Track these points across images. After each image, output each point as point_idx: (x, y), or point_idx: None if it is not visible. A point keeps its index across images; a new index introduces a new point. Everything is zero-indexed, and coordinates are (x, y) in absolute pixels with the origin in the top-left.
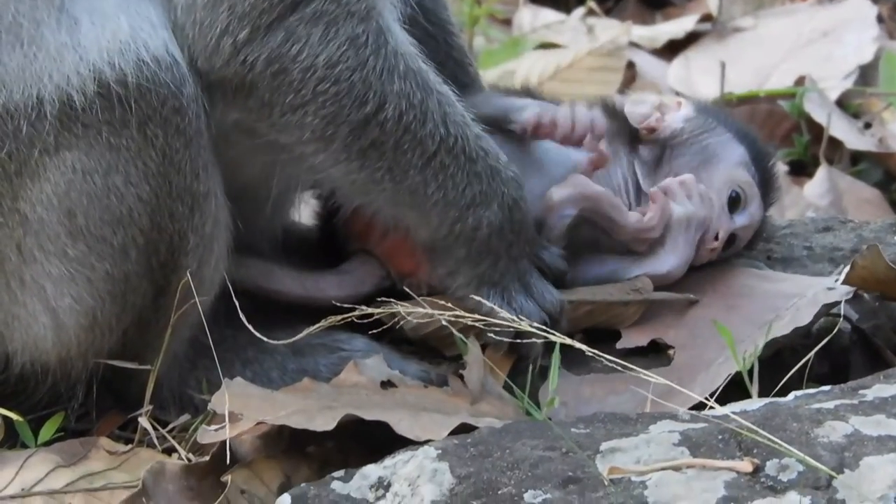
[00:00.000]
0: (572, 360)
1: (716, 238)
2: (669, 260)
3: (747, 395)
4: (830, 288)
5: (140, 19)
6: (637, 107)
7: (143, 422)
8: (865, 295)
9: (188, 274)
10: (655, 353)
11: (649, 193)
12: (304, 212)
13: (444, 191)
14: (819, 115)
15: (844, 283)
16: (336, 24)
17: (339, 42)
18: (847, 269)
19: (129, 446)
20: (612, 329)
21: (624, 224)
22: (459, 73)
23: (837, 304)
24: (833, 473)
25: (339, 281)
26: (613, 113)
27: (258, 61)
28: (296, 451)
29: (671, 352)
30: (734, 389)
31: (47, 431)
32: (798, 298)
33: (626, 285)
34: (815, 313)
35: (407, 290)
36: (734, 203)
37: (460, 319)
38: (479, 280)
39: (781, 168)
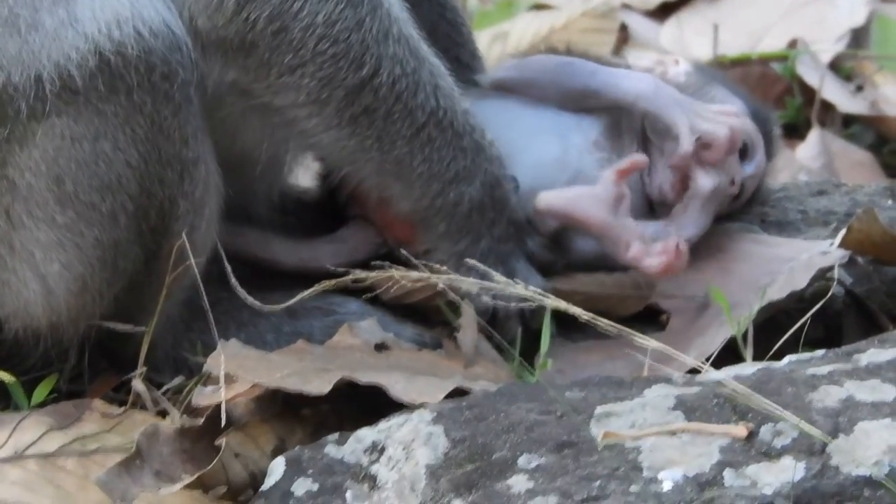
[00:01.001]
0: (567, 327)
1: (732, 183)
2: (689, 229)
3: (742, 360)
4: (825, 251)
5: None
6: (638, 62)
7: (137, 384)
8: (860, 259)
9: (183, 236)
10: (650, 318)
11: (667, 244)
12: (305, 174)
13: (430, 163)
14: (811, 78)
15: (840, 246)
16: None
17: None
18: (843, 232)
19: (123, 409)
20: None
21: (621, 258)
22: (453, 33)
23: (832, 267)
24: (827, 438)
25: (334, 249)
26: None
27: (260, 19)
28: (290, 413)
29: (665, 316)
30: (729, 354)
31: (40, 393)
32: (793, 262)
33: (625, 279)
34: (811, 277)
35: (405, 253)
36: (742, 151)
37: (453, 285)
38: (459, 257)
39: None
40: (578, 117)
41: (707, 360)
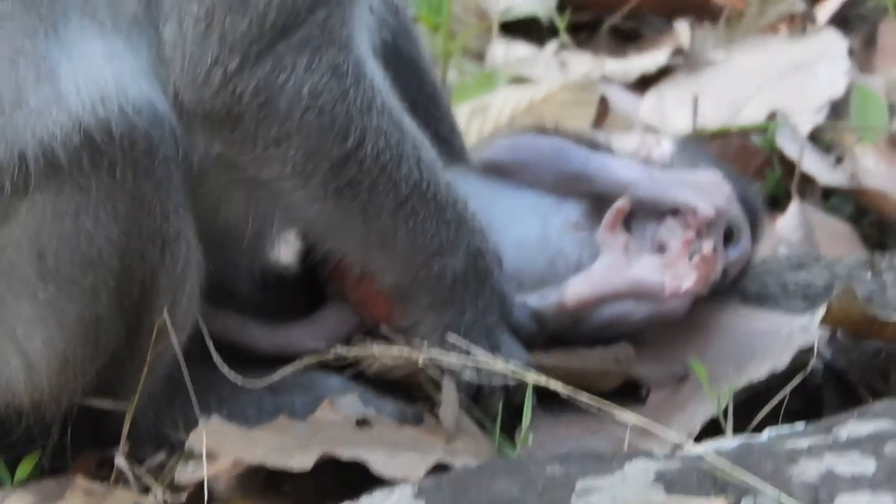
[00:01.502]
0: (548, 400)
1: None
2: (675, 301)
3: (721, 432)
4: (804, 327)
5: (119, 63)
6: (622, 143)
7: (119, 460)
8: (838, 333)
9: (165, 313)
10: (630, 392)
11: (699, 257)
12: (287, 251)
13: (414, 236)
14: (791, 150)
15: (820, 325)
16: (320, 52)
17: (322, 70)
18: (822, 310)
19: (106, 485)
20: None
21: (664, 301)
22: (432, 107)
23: (812, 346)
24: None
25: (311, 332)
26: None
27: (246, 91)
28: (272, 489)
29: (644, 391)
30: (708, 426)
31: (23, 470)
32: (772, 337)
33: (605, 354)
34: (792, 357)
35: (384, 331)
36: (727, 237)
37: (435, 361)
38: (443, 330)
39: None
40: (560, 199)
41: (688, 436)
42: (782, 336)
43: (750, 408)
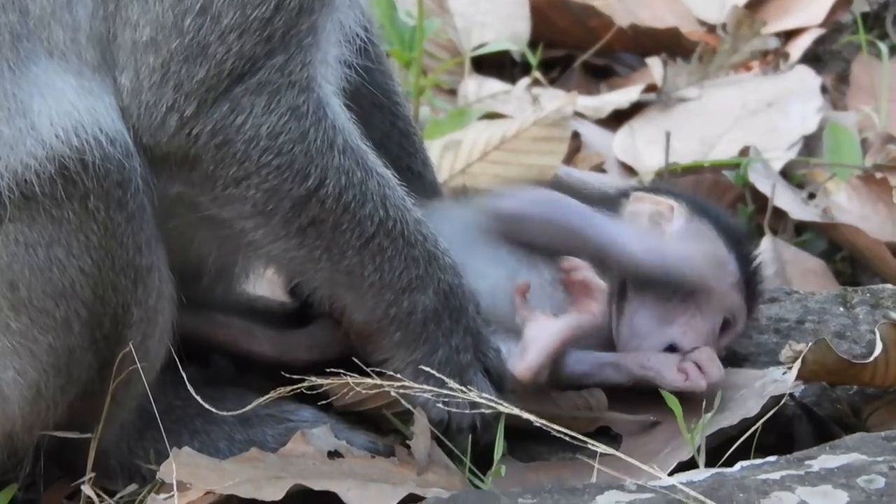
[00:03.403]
0: (517, 450)
1: None
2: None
3: (694, 465)
4: (777, 380)
5: (91, 98)
6: (636, 209)
7: (87, 489)
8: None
9: (130, 345)
10: (604, 432)
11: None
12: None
13: (381, 273)
14: (763, 186)
15: (797, 378)
16: (278, 94)
17: (280, 112)
18: (797, 363)
19: None
20: None
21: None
22: (405, 142)
23: (783, 396)
24: None
25: (308, 344)
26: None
27: (203, 133)
28: None
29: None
30: (682, 466)
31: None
32: (746, 389)
33: (577, 399)
34: (763, 405)
35: (357, 361)
36: (725, 326)
37: (406, 394)
38: (415, 366)
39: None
40: (535, 259)
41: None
42: (755, 389)
43: (722, 442)
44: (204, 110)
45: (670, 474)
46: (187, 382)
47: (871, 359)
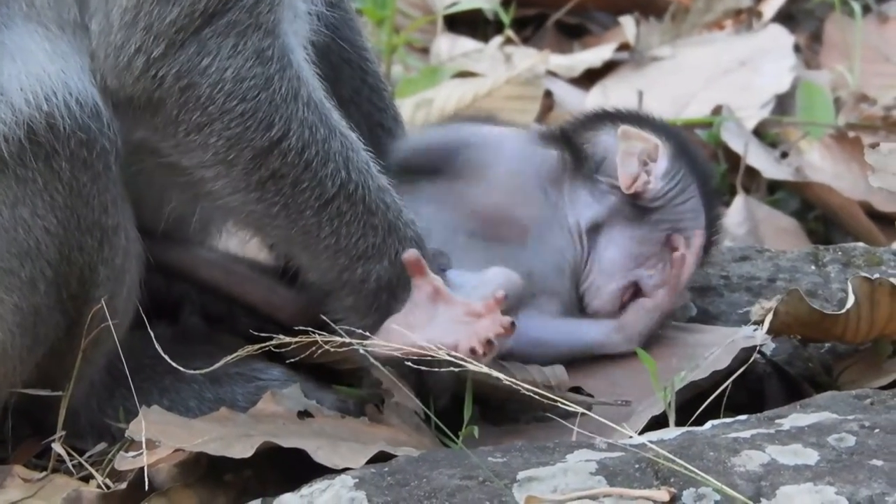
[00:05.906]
0: (488, 418)
1: None
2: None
3: (664, 424)
4: (749, 336)
5: (62, 61)
6: (627, 167)
7: (57, 447)
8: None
9: (103, 303)
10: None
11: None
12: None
13: (337, 237)
14: (736, 145)
15: (768, 332)
16: (245, 36)
17: (246, 55)
18: (769, 318)
19: (44, 473)
20: None
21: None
22: (375, 98)
23: (754, 348)
24: (749, 503)
25: (295, 295)
26: (573, 146)
27: (168, 76)
28: (213, 479)
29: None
30: (653, 424)
31: None
32: (717, 348)
33: (538, 375)
34: (733, 357)
35: (325, 318)
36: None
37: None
38: (365, 331)
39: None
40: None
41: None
42: (727, 347)
43: (692, 400)
44: (171, 52)
45: (641, 433)
46: (155, 341)
47: (844, 310)
